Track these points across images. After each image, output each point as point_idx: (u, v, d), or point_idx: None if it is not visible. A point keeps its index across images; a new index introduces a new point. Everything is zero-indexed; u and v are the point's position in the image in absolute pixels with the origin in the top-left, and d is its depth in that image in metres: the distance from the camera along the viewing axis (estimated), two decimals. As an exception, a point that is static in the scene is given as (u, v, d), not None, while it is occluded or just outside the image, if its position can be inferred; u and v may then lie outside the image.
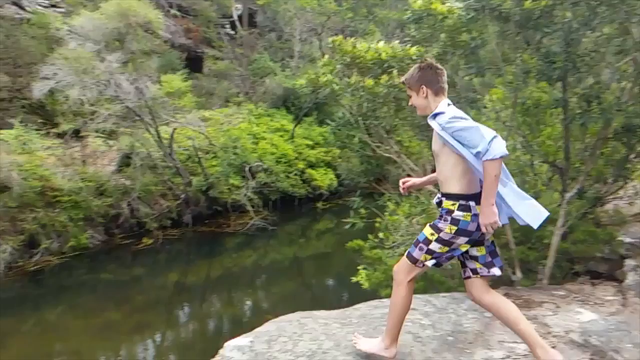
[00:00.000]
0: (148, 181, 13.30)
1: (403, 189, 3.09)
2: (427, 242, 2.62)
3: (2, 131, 12.78)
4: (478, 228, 2.55)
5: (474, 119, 2.66)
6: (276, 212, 14.35)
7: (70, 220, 11.34)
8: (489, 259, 2.70)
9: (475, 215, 2.55)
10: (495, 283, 3.46)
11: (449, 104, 2.67)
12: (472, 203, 2.57)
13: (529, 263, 4.89)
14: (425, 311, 3.58)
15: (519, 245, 4.74)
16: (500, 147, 2.41)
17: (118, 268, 11.40)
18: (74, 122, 13.90)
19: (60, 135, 13.82)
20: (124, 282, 10.75)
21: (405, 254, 2.71)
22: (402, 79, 2.85)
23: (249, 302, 10.30)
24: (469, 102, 4.77)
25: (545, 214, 2.61)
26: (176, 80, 16.06)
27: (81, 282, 10.52)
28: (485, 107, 5.12)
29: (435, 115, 2.64)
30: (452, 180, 2.62)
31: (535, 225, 2.60)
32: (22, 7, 15.97)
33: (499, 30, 4.56)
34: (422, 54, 4.62)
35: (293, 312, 3.47)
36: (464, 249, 2.63)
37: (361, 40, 5.24)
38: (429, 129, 2.74)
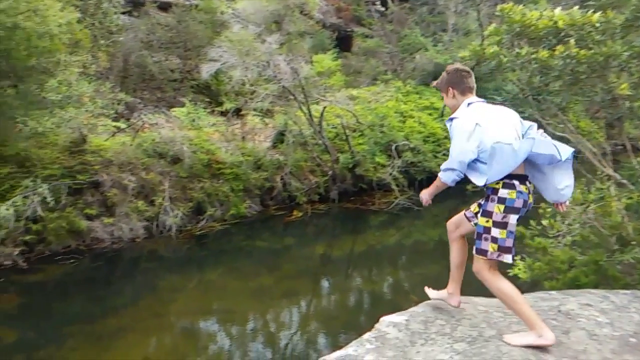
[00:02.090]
0: (299, 157, 13.92)
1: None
2: (487, 230, 2.73)
3: (175, 109, 14.32)
4: (524, 205, 2.69)
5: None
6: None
7: (231, 191, 12.34)
8: (508, 244, 2.77)
9: (520, 193, 2.69)
10: None
11: (469, 104, 2.91)
12: (515, 181, 2.70)
13: None
14: (602, 308, 3.22)
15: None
16: (445, 176, 2.79)
17: (271, 237, 12.16)
18: (236, 101, 15.05)
19: (223, 114, 15.05)
20: (275, 250, 11.44)
21: (474, 251, 2.80)
22: (434, 84, 3.18)
23: (391, 281, 10.29)
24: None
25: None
26: (326, 60, 16.46)
27: (239, 247, 11.40)
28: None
29: (451, 119, 2.90)
30: None
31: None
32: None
33: None
34: (609, 20, 4.05)
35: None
36: (514, 230, 2.72)
37: (531, 7, 4.76)
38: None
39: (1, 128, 10.09)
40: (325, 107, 14.12)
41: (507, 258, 2.72)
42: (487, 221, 2.73)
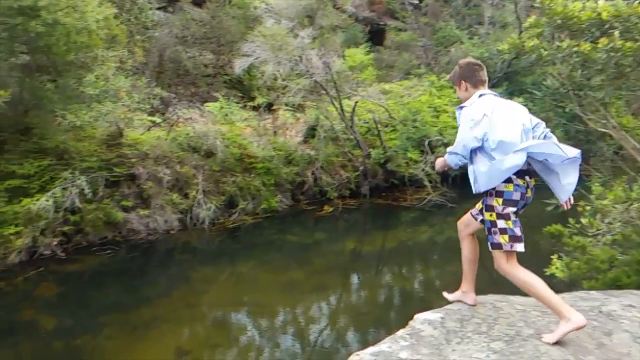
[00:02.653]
0: (330, 152, 13.90)
1: None
2: (494, 223, 2.85)
3: (208, 104, 14.49)
4: (522, 197, 2.83)
5: None
6: (455, 189, 13.82)
7: (263, 185, 12.43)
8: (518, 232, 2.89)
9: (518, 186, 2.83)
10: None
11: (480, 95, 2.99)
12: (513, 175, 2.81)
13: None
14: (647, 310, 3.09)
15: None
16: (449, 159, 2.96)
17: (302, 231, 12.19)
18: (268, 96, 15.13)
19: (255, 108, 15.15)
20: (306, 244, 11.47)
21: (490, 247, 2.89)
22: (447, 77, 3.36)
23: (422, 278, 10.18)
24: None
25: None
26: (359, 54, 16.35)
27: (270, 241, 11.47)
28: None
29: (461, 107, 3.02)
30: None
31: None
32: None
33: None
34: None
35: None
36: (516, 219, 2.85)
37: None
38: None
39: (41, 121, 10.40)
40: (357, 102, 14.04)
41: (520, 247, 2.83)
42: (491, 215, 2.86)
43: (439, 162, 3.13)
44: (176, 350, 6.74)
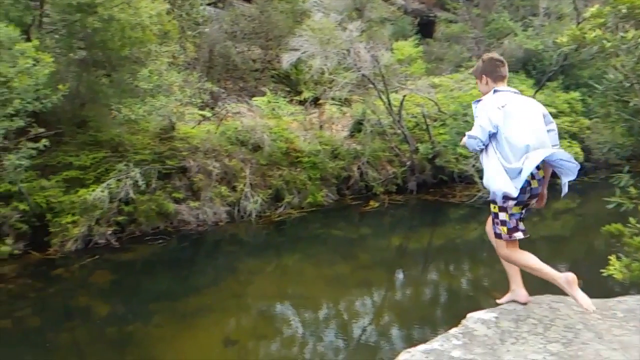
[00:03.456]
0: (377, 147, 13.74)
1: None
2: (496, 215, 3.08)
3: (256, 98, 14.64)
4: (523, 192, 2.95)
5: None
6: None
7: (309, 179, 12.44)
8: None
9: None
10: None
11: (496, 91, 3.17)
12: None
13: None
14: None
15: None
16: (468, 142, 3.14)
17: (347, 226, 12.13)
18: (314, 90, 15.13)
19: (301, 103, 15.19)
20: (351, 239, 11.40)
21: (495, 236, 3.17)
22: (471, 71, 3.61)
23: (470, 276, 9.90)
24: None
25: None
26: (407, 47, 16.05)
27: (315, 235, 11.48)
28: None
29: (477, 101, 3.23)
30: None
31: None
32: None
33: None
34: None
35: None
36: (517, 212, 3.05)
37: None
38: None
39: (97, 115, 10.79)
40: (405, 96, 13.80)
41: (518, 235, 3.06)
42: (494, 207, 3.09)
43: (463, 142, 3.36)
44: (224, 340, 6.85)
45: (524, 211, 3.11)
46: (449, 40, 19.20)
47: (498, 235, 3.12)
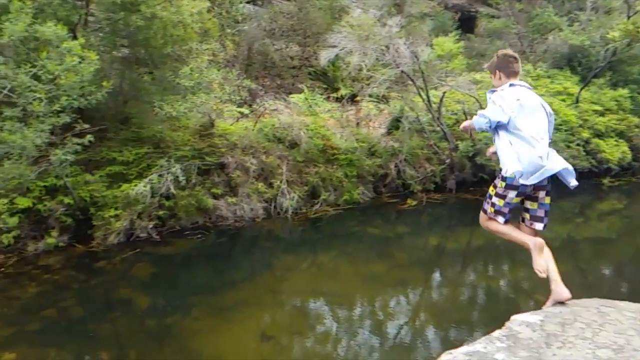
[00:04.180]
0: (415, 144, 13.55)
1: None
2: (490, 196, 3.38)
3: (293, 95, 14.68)
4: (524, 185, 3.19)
5: None
6: (552, 185, 12.97)
7: (345, 177, 12.38)
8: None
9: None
10: None
11: (511, 85, 3.34)
12: None
13: None
14: None
15: None
16: (477, 120, 3.31)
17: (383, 224, 12.00)
18: (352, 87, 15.04)
19: (338, 100, 15.14)
20: (387, 237, 11.29)
21: (482, 210, 3.46)
22: (485, 66, 3.76)
23: (509, 278, 9.64)
24: None
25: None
26: (448, 43, 15.70)
27: (351, 232, 11.40)
28: None
29: (492, 91, 3.41)
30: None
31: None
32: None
33: None
34: None
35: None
36: (516, 202, 3.33)
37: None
38: None
39: (139, 112, 11.03)
40: (445, 92, 13.56)
41: (500, 220, 3.34)
42: (492, 190, 3.37)
43: (465, 124, 3.60)
44: (260, 334, 6.90)
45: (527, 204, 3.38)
46: (490, 35, 18.72)
47: (484, 211, 3.43)
